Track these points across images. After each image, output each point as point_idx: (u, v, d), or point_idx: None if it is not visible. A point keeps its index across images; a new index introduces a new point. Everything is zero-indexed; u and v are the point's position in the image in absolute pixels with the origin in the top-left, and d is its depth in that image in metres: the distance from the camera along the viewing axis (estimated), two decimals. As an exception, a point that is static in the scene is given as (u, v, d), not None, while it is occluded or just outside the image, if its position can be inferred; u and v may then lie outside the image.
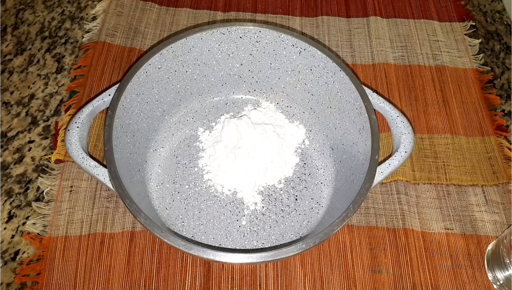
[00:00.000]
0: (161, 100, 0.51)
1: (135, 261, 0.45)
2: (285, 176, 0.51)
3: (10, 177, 0.51)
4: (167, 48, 0.47)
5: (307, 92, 0.52)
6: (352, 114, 0.47)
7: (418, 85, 0.60)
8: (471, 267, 0.47)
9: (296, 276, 0.45)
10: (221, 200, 0.49)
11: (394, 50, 0.63)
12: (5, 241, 0.47)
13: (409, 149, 0.44)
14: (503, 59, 0.65)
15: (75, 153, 0.42)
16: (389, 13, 0.67)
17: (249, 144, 0.50)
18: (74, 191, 0.49)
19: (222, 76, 0.54)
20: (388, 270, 0.46)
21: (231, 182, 0.49)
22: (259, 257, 0.37)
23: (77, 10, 0.66)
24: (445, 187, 0.52)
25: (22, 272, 0.45)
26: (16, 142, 0.54)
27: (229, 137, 0.51)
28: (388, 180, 0.52)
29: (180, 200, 0.48)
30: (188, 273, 0.45)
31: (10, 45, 0.62)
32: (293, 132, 0.53)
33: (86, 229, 0.47)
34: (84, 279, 0.44)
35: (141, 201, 0.43)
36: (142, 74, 0.46)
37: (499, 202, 0.51)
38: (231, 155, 0.49)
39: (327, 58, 0.47)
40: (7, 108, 0.56)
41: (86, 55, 0.60)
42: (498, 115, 0.58)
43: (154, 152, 0.51)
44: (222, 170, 0.49)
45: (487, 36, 0.67)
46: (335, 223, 0.38)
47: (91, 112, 0.45)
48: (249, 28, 0.49)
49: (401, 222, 0.49)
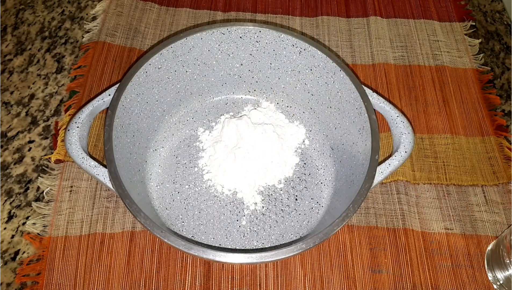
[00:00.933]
0: (161, 100, 0.51)
1: (135, 261, 0.45)
2: (285, 176, 0.51)
3: (10, 177, 0.51)
4: (167, 48, 0.47)
5: (307, 92, 0.52)
6: (352, 114, 0.47)
7: (418, 85, 0.60)
8: (471, 267, 0.47)
9: (296, 276, 0.45)
10: (221, 200, 0.49)
11: (394, 50, 0.63)
12: (5, 241, 0.47)
13: (409, 149, 0.44)
14: (503, 59, 0.65)
15: (75, 153, 0.42)
16: (389, 13, 0.67)
17: (249, 144, 0.50)
18: (74, 191, 0.49)
19: (222, 76, 0.54)
20: (388, 270, 0.46)
21: (231, 182, 0.49)
22: (259, 257, 0.37)
23: (77, 10, 0.66)
24: (445, 187, 0.52)
25: (22, 272, 0.45)
26: (16, 142, 0.54)
27: (229, 137, 0.51)
28: (388, 180, 0.52)
29: (180, 200, 0.48)
30: (188, 273, 0.45)
31: (10, 45, 0.62)
32: (293, 132, 0.53)
33: (86, 229, 0.47)
34: (84, 279, 0.44)
35: (141, 201, 0.43)
36: (142, 74, 0.46)
37: (499, 202, 0.51)
38: (231, 155, 0.49)
39: (327, 58, 0.47)
40: (7, 108, 0.56)
41: (86, 55, 0.60)
42: (498, 115, 0.58)
43: (154, 152, 0.51)
44: (222, 170, 0.49)
45: (487, 36, 0.67)
46: (335, 223, 0.38)
47: (91, 112, 0.45)
48: (249, 28, 0.49)
49: (401, 222, 0.49)
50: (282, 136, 0.52)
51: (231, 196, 0.49)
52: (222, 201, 0.49)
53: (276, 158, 0.50)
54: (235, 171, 0.49)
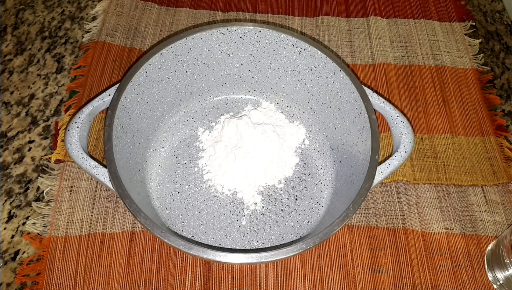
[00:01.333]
0: (161, 100, 0.51)
1: (135, 261, 0.45)
2: (285, 176, 0.51)
3: (10, 177, 0.51)
4: (167, 48, 0.47)
5: (307, 92, 0.52)
6: (352, 114, 0.47)
7: (418, 85, 0.60)
8: (471, 267, 0.47)
9: (296, 276, 0.45)
10: (221, 200, 0.49)
11: (394, 50, 0.63)
12: (5, 241, 0.47)
13: (409, 149, 0.44)
14: (503, 59, 0.65)
15: (75, 153, 0.42)
16: (389, 13, 0.67)
17: (249, 144, 0.50)
18: (74, 191, 0.49)
19: (222, 76, 0.54)
20: (388, 270, 0.46)
21: (231, 182, 0.49)
22: (259, 257, 0.37)
23: (77, 10, 0.66)
24: (445, 187, 0.52)
25: (22, 272, 0.45)
26: (16, 142, 0.54)
27: (229, 137, 0.51)
28: (388, 180, 0.52)
29: (180, 200, 0.48)
30: (188, 273, 0.45)
31: (10, 45, 0.62)
32: (293, 132, 0.53)
33: (86, 229, 0.47)
34: (84, 279, 0.44)
35: (141, 201, 0.43)
36: (142, 74, 0.46)
37: (499, 202, 0.51)
38: (231, 155, 0.49)
39: (327, 58, 0.47)
40: (7, 108, 0.56)
41: (86, 55, 0.60)
42: (498, 115, 0.58)
43: (154, 152, 0.51)
44: (222, 170, 0.49)
45: (487, 36, 0.67)
46: (335, 223, 0.38)
47: (91, 112, 0.45)
48: (249, 28, 0.49)
49: (401, 222, 0.49)
50: (282, 136, 0.52)
51: (231, 196, 0.49)
52: (222, 201, 0.49)
53: (276, 158, 0.50)
54: (235, 171, 0.49)
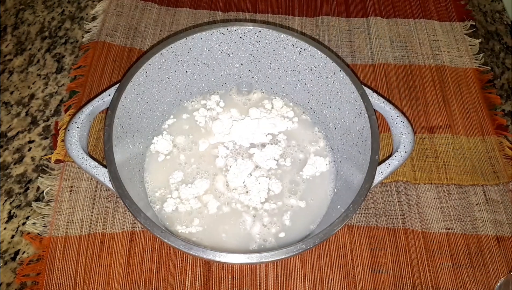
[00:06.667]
0: (161, 100, 0.51)
1: (135, 261, 0.45)
2: (285, 176, 0.50)
3: (10, 177, 0.51)
4: (167, 48, 0.47)
5: (307, 92, 0.52)
6: (352, 114, 0.46)
7: (418, 85, 0.60)
8: (472, 266, 0.47)
9: (296, 276, 0.45)
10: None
11: (394, 50, 0.63)
12: (5, 241, 0.47)
13: (409, 149, 0.44)
14: (503, 59, 0.65)
15: (75, 153, 0.42)
16: (389, 13, 0.67)
17: (247, 143, 0.50)
18: (74, 191, 0.49)
19: (222, 76, 0.54)
20: (388, 270, 0.46)
21: (231, 182, 0.49)
22: (259, 257, 0.37)
23: (77, 10, 0.66)
24: (445, 187, 0.52)
25: (22, 272, 0.45)
26: (16, 142, 0.54)
27: (227, 136, 0.51)
28: (388, 180, 0.52)
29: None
30: (188, 273, 0.45)
31: (10, 45, 0.62)
32: (293, 132, 0.53)
33: (86, 229, 0.47)
34: (84, 279, 0.44)
35: (141, 201, 0.43)
36: (142, 74, 0.46)
37: (499, 201, 0.51)
38: (231, 155, 0.49)
39: (327, 58, 0.47)
40: (7, 108, 0.56)
41: (86, 55, 0.60)
42: (498, 114, 0.58)
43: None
44: (222, 170, 0.49)
45: (487, 36, 0.67)
46: (335, 223, 0.38)
47: (91, 112, 0.45)
48: (249, 28, 0.49)
49: (401, 222, 0.49)
50: (281, 136, 0.52)
51: (232, 196, 0.49)
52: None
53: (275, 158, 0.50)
54: (235, 171, 0.49)
